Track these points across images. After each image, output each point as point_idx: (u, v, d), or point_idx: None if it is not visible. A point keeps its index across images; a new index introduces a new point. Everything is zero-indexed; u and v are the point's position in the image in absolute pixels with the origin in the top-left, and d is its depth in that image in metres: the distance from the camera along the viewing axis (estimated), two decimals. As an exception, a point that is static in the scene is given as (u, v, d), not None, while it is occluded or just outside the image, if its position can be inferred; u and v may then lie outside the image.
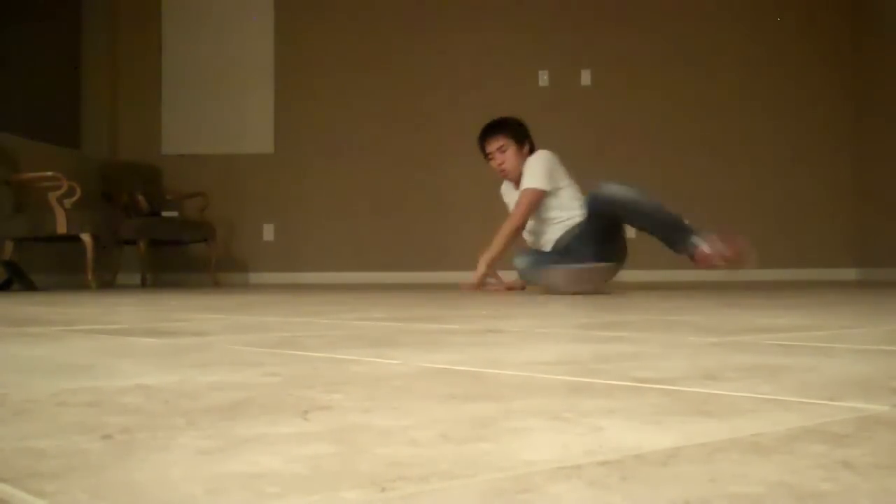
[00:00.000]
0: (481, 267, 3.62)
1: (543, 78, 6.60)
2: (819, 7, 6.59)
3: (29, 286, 4.81)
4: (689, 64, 6.60)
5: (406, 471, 0.41)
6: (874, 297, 2.61)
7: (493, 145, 3.78)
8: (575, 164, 4.12)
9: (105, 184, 6.12)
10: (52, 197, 4.95)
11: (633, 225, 3.46)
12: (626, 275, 6.30)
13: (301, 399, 0.66)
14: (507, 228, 3.63)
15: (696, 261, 3.33)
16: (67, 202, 4.96)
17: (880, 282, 5.04)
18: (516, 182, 3.80)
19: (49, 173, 5.02)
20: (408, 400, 0.65)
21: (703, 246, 3.28)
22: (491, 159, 3.79)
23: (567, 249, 3.64)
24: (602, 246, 3.56)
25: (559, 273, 3.18)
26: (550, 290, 3.27)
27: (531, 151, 3.79)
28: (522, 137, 3.79)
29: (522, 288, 3.80)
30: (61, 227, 4.94)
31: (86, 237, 5.00)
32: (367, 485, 0.39)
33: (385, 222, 6.67)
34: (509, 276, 4.01)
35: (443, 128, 6.62)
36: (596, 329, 1.38)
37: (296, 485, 0.39)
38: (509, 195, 3.91)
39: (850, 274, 6.44)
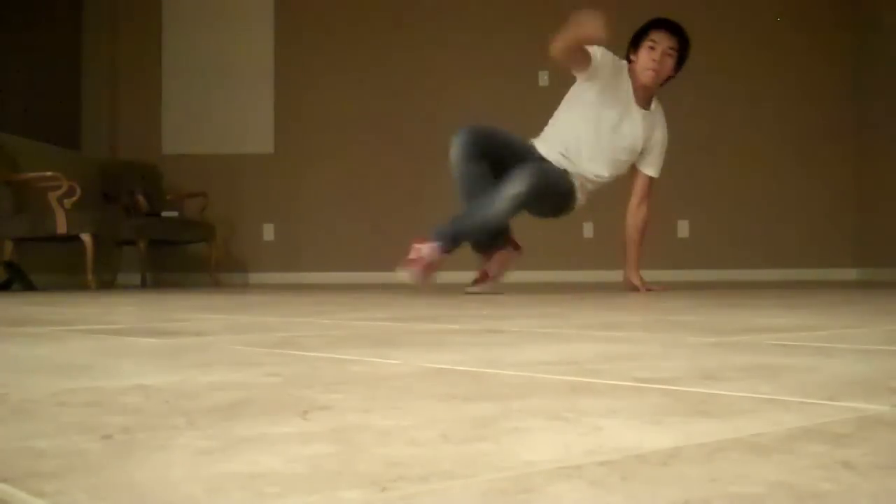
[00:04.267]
0: (636, 279, 3.43)
1: (543, 78, 6.60)
2: (819, 7, 6.59)
3: (29, 286, 4.81)
4: (688, 64, 6.59)
5: (406, 471, 0.41)
6: (874, 297, 2.61)
7: (666, 39, 3.33)
8: (575, 164, 4.11)
9: (105, 184, 6.12)
10: (52, 197, 4.95)
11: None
12: (622, 275, 6.28)
13: (301, 399, 0.66)
14: (641, 232, 3.43)
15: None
16: (67, 202, 4.96)
17: (880, 282, 5.04)
18: (644, 88, 3.36)
19: (49, 173, 5.02)
20: (408, 400, 0.65)
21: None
22: (652, 48, 3.31)
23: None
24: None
25: None
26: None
27: (664, 82, 3.44)
28: (679, 68, 3.43)
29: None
30: (61, 227, 4.94)
31: (86, 237, 5.00)
32: (367, 485, 0.39)
33: (385, 222, 6.67)
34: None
35: (443, 128, 6.61)
36: (596, 329, 1.38)
37: (296, 485, 0.39)
38: (608, 72, 3.33)
39: (850, 274, 6.44)
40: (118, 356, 1.02)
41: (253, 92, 6.76)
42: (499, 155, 3.35)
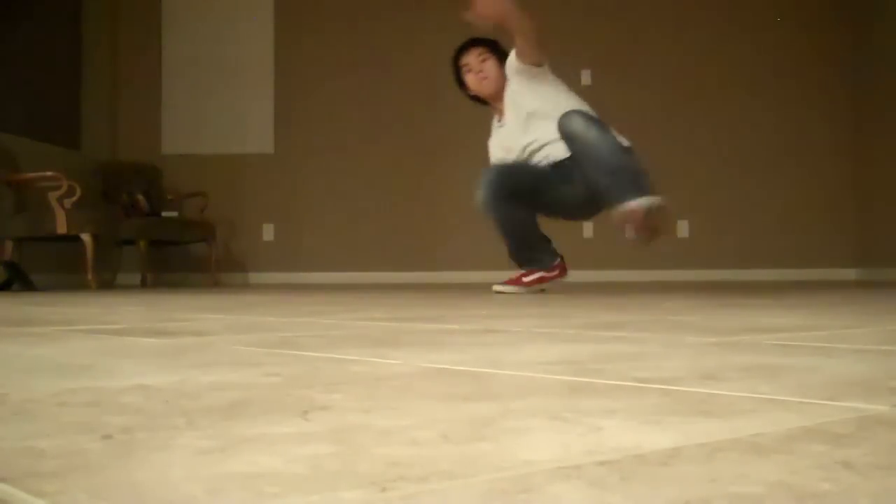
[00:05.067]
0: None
1: (543, 78, 6.59)
2: (819, 7, 6.59)
3: (29, 286, 4.81)
4: (688, 64, 6.60)
5: (406, 471, 0.41)
6: (874, 297, 2.61)
7: (472, 55, 3.44)
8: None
9: (105, 184, 6.12)
10: (52, 197, 4.95)
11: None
12: (623, 275, 6.29)
13: (301, 399, 0.66)
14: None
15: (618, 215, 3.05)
16: (67, 202, 4.96)
17: (880, 282, 5.04)
18: (493, 98, 3.44)
19: (49, 173, 5.02)
20: (408, 400, 0.65)
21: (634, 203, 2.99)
22: (468, 72, 3.45)
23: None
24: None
25: None
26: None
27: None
28: (502, 54, 3.43)
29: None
30: (61, 227, 4.94)
31: (86, 237, 5.00)
32: (367, 485, 0.39)
33: (385, 222, 6.67)
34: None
35: (443, 127, 6.62)
36: (596, 329, 1.38)
37: (296, 485, 0.39)
38: (507, 137, 3.44)
39: (850, 274, 6.44)
40: (118, 356, 1.02)
41: (253, 92, 6.76)
42: (529, 186, 3.34)
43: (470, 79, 3.49)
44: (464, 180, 6.72)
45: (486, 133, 3.55)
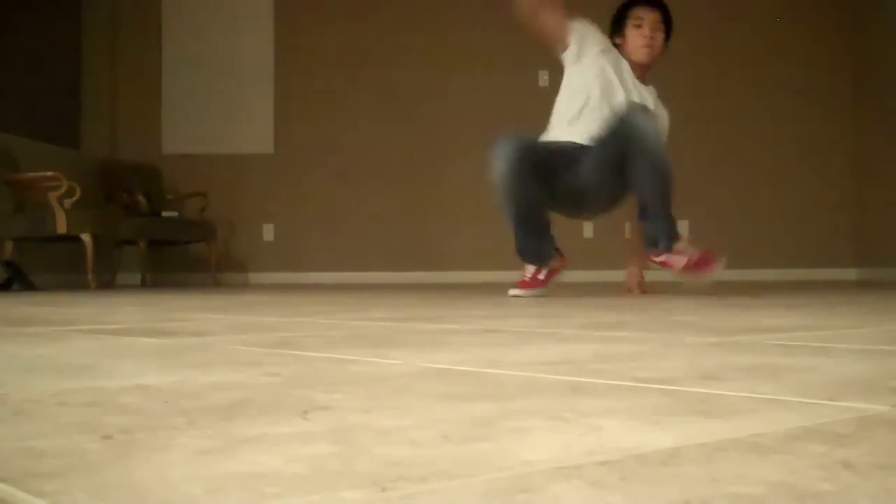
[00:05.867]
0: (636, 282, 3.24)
1: (543, 78, 6.59)
2: (819, 7, 6.59)
3: (29, 286, 4.81)
4: (687, 64, 6.59)
5: (406, 471, 0.41)
6: (874, 297, 2.61)
7: (655, 15, 3.18)
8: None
9: (105, 184, 6.12)
10: (52, 197, 4.95)
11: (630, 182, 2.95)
12: (623, 275, 6.28)
13: (301, 399, 0.66)
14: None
15: (657, 262, 2.98)
16: (67, 202, 4.96)
17: (880, 282, 5.04)
18: (639, 68, 3.21)
19: (49, 173, 5.02)
20: (408, 400, 0.65)
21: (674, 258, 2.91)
22: (639, 26, 3.18)
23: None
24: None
25: None
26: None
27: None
28: (667, 44, 3.25)
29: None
30: (61, 227, 4.94)
31: (86, 237, 5.00)
32: (367, 485, 0.39)
33: (385, 222, 6.67)
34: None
35: (443, 128, 6.62)
36: (596, 329, 1.38)
37: (296, 485, 0.39)
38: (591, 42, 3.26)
39: (850, 274, 6.44)
40: (118, 356, 1.01)
41: (253, 92, 6.76)
42: (546, 161, 3.02)
43: (634, 35, 3.19)
44: (465, 180, 6.72)
45: (485, 133, 3.55)
